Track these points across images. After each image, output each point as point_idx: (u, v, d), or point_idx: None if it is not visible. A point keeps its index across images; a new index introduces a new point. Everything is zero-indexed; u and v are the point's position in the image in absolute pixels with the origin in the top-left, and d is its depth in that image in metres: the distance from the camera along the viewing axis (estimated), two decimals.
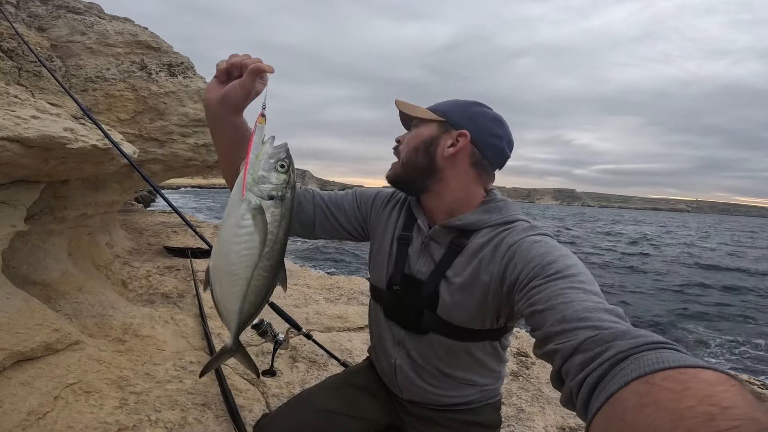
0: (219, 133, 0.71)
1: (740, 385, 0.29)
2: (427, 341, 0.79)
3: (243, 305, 0.63)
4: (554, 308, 0.52)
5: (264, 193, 0.60)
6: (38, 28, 2.10)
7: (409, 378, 0.84)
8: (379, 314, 0.89)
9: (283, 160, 0.62)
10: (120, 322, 2.00)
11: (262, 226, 0.60)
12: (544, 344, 0.50)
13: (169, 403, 1.55)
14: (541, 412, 1.71)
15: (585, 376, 0.40)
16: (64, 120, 1.40)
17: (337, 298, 2.85)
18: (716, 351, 6.08)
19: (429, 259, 0.80)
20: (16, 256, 1.89)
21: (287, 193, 0.62)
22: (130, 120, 2.21)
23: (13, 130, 1.20)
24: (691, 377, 0.30)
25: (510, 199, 0.84)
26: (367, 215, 0.93)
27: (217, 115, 0.68)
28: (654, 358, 0.34)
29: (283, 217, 0.62)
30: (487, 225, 0.75)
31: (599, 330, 0.44)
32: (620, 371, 0.36)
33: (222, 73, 0.66)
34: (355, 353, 2.02)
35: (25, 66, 1.69)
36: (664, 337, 0.40)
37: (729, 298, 9.80)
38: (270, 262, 0.62)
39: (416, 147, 0.80)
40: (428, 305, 0.77)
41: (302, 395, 0.97)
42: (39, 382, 1.48)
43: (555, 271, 0.58)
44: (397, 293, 0.82)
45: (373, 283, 0.91)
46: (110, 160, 1.58)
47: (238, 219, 0.59)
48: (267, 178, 0.60)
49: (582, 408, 0.39)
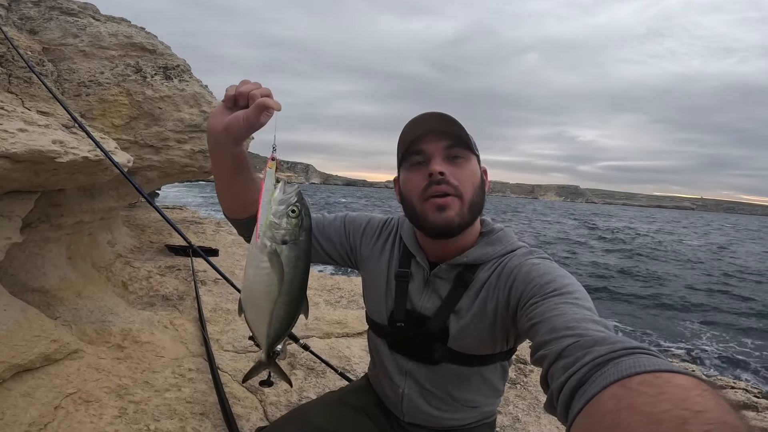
0: (219, 159, 0.70)
1: (712, 390, 0.30)
2: (440, 371, 0.81)
3: (269, 330, 0.70)
4: (547, 320, 0.56)
5: (277, 238, 0.63)
6: (30, 30, 2.06)
7: (416, 404, 0.85)
8: (381, 347, 0.89)
9: (293, 205, 0.64)
10: (119, 328, 2.02)
11: (279, 268, 0.64)
12: (536, 352, 0.53)
13: (167, 412, 1.56)
14: (537, 422, 1.71)
15: (566, 379, 0.42)
16: (54, 131, 1.38)
17: (337, 301, 2.85)
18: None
19: (434, 295, 0.80)
20: (14, 264, 1.89)
21: (301, 236, 0.65)
22: (124, 126, 2.18)
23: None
24: (666, 381, 0.32)
25: (504, 225, 0.85)
26: (356, 246, 0.91)
27: (218, 141, 0.67)
28: (631, 363, 0.36)
29: (298, 259, 0.65)
30: (492, 258, 0.77)
31: (582, 337, 0.47)
32: (599, 375, 0.37)
33: (229, 99, 0.65)
34: (354, 361, 2.02)
35: (15, 72, 1.66)
36: (641, 343, 0.42)
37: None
38: (289, 297, 0.67)
39: (479, 186, 0.75)
40: (439, 339, 0.78)
41: (296, 412, 0.97)
42: (39, 393, 1.50)
43: (552, 289, 0.62)
44: (401, 329, 0.82)
45: (372, 318, 0.91)
46: (103, 170, 1.56)
47: (258, 261, 0.64)
48: (279, 224, 0.63)
49: (563, 410, 0.41)
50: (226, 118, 0.64)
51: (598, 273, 12.01)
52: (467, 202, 0.73)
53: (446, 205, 0.72)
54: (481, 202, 0.76)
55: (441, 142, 0.73)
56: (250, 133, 0.65)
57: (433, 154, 0.73)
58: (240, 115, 0.62)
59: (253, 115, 0.61)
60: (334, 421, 0.91)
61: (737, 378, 3.84)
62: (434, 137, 0.73)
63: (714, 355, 5.79)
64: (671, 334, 6.74)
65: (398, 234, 0.88)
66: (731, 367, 5.45)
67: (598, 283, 10.48)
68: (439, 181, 0.71)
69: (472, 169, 0.75)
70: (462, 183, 0.72)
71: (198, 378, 1.78)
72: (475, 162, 0.76)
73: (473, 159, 0.76)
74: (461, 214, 0.72)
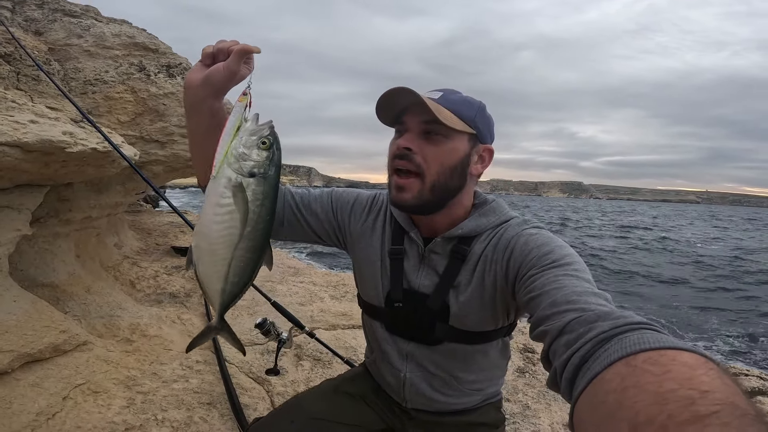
0: (195, 116, 0.66)
1: (719, 368, 0.29)
2: (442, 350, 0.78)
3: (225, 285, 0.61)
4: (547, 293, 0.54)
5: (244, 170, 0.57)
6: (35, 32, 2.12)
7: (420, 389, 0.82)
8: (379, 330, 0.85)
9: (266, 137, 0.59)
10: (128, 323, 2.03)
11: (243, 204, 0.57)
12: (536, 327, 0.51)
13: (175, 402, 1.57)
14: (547, 409, 1.69)
15: (569, 356, 0.41)
16: (63, 124, 1.41)
17: (343, 296, 2.85)
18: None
19: (431, 271, 0.77)
20: (24, 259, 1.92)
21: (270, 171, 0.59)
22: (130, 122, 2.22)
23: (11, 135, 1.20)
24: (671, 359, 0.31)
25: (495, 196, 0.82)
26: (344, 224, 0.86)
27: (196, 96, 0.63)
28: (635, 339, 0.35)
29: (266, 197, 0.59)
30: (486, 229, 0.75)
31: (584, 312, 0.46)
32: (603, 352, 0.36)
33: (207, 56, 0.63)
34: (359, 351, 2.02)
35: (23, 70, 1.70)
36: (645, 318, 0.40)
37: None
38: (252, 243, 0.59)
39: (453, 167, 0.69)
40: (439, 317, 0.75)
41: (292, 402, 0.94)
42: (48, 383, 1.51)
43: (551, 260, 0.60)
44: (400, 309, 0.79)
45: (366, 300, 0.86)
46: (111, 162, 1.58)
47: (218, 197, 0.57)
48: (248, 155, 0.58)
49: (566, 388, 0.40)
50: (204, 72, 0.62)
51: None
52: (429, 183, 0.69)
53: (404, 185, 0.69)
54: (453, 183, 0.70)
55: (421, 116, 0.69)
56: (231, 84, 0.62)
57: (410, 127, 0.70)
58: (220, 66, 0.61)
59: (233, 63, 0.59)
60: (330, 410, 0.88)
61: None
62: (417, 111, 0.69)
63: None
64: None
65: (388, 209, 0.84)
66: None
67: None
68: (402, 155, 0.69)
69: (450, 147, 0.69)
70: (428, 162, 0.68)
71: (205, 369, 1.79)
72: (460, 142, 0.70)
73: (458, 138, 0.69)
74: (419, 196, 0.69)
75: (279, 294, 2.74)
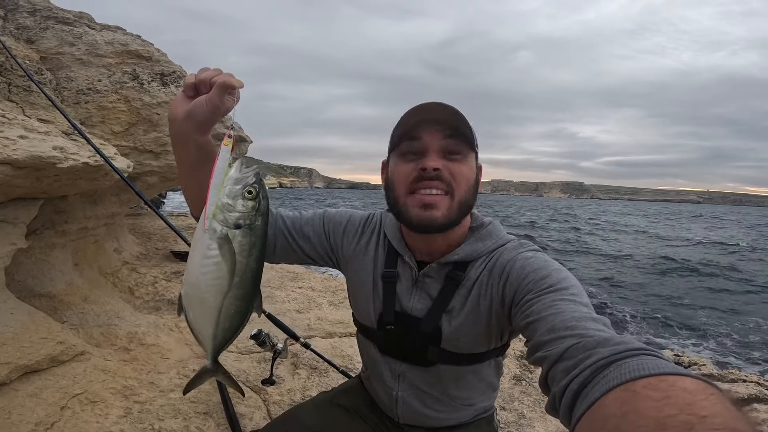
0: (182, 150, 0.65)
1: (719, 394, 0.29)
2: (434, 372, 0.79)
3: (216, 331, 0.61)
4: (545, 318, 0.54)
5: (230, 221, 0.56)
6: (27, 40, 2.10)
7: (412, 406, 0.83)
8: (372, 350, 0.86)
9: (251, 186, 0.57)
10: (125, 331, 2.04)
11: (230, 256, 0.57)
12: (534, 352, 0.52)
13: (172, 411, 1.58)
14: (542, 418, 1.69)
15: (568, 382, 0.41)
16: (54, 138, 1.40)
17: (341, 302, 2.86)
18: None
19: (424, 295, 0.77)
20: (21, 270, 1.93)
21: (257, 221, 0.58)
22: (124, 132, 2.21)
23: (1, 152, 1.21)
24: (671, 385, 0.31)
25: (493, 218, 0.82)
26: (337, 246, 0.86)
27: (181, 130, 0.62)
28: (635, 365, 0.35)
29: (253, 246, 0.58)
30: (482, 254, 0.75)
31: (583, 338, 0.46)
32: (602, 378, 0.37)
33: (190, 87, 0.61)
34: (356, 359, 2.03)
35: (14, 81, 1.70)
36: (644, 344, 0.41)
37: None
38: (241, 291, 0.59)
39: (474, 185, 0.72)
40: (431, 340, 0.75)
41: (289, 414, 0.96)
42: (46, 393, 1.52)
43: (548, 285, 0.60)
44: (392, 332, 0.79)
45: (360, 321, 0.88)
46: (104, 175, 1.58)
47: (204, 249, 0.56)
48: (232, 206, 0.56)
49: (565, 414, 0.40)
50: (187, 105, 0.61)
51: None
52: (457, 201, 0.69)
53: (434, 203, 0.68)
54: (472, 201, 0.72)
55: (440, 134, 0.68)
56: (216, 118, 0.61)
57: (429, 146, 0.68)
58: (203, 99, 0.59)
59: (216, 96, 0.57)
60: (325, 423, 0.89)
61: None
62: (434, 128, 0.68)
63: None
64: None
65: (381, 231, 0.84)
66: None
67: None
68: (432, 176, 0.67)
69: (469, 166, 0.71)
70: (457, 180, 0.69)
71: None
72: (473, 159, 0.72)
73: (472, 156, 0.71)
74: (448, 214, 0.69)
75: (277, 300, 2.75)
